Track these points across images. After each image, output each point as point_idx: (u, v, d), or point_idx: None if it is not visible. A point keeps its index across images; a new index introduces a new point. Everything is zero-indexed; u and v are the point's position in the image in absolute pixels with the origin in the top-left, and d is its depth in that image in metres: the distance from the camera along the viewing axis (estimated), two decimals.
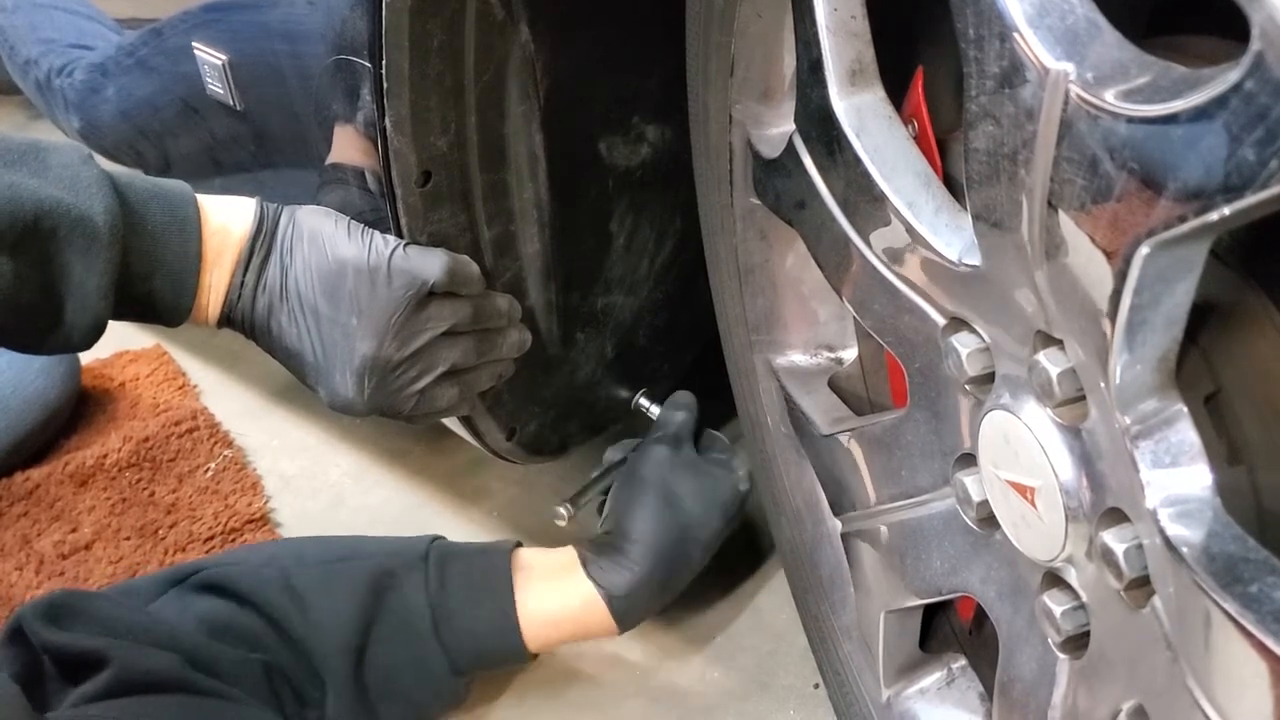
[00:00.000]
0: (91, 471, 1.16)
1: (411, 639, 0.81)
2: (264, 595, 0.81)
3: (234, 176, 0.99)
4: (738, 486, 0.88)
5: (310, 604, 0.81)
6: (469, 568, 0.84)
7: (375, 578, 0.81)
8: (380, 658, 0.81)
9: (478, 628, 0.82)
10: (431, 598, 0.81)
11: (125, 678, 0.71)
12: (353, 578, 0.82)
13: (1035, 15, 0.39)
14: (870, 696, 0.75)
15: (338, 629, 0.80)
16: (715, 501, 0.86)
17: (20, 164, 0.60)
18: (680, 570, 0.85)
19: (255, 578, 0.82)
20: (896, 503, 0.64)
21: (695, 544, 0.85)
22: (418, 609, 0.81)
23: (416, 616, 0.81)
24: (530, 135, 0.77)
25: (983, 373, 0.51)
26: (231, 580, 0.82)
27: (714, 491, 0.86)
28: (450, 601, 0.82)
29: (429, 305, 0.71)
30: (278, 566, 0.83)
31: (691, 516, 0.84)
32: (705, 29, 0.67)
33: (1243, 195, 0.31)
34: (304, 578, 0.82)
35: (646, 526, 0.83)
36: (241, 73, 0.87)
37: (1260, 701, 0.36)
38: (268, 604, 0.81)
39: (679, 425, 0.90)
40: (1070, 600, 0.48)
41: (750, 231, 0.74)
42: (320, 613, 0.80)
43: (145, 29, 1.02)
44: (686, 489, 0.85)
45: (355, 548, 0.86)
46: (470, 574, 0.83)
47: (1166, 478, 0.40)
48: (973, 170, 0.44)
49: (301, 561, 0.84)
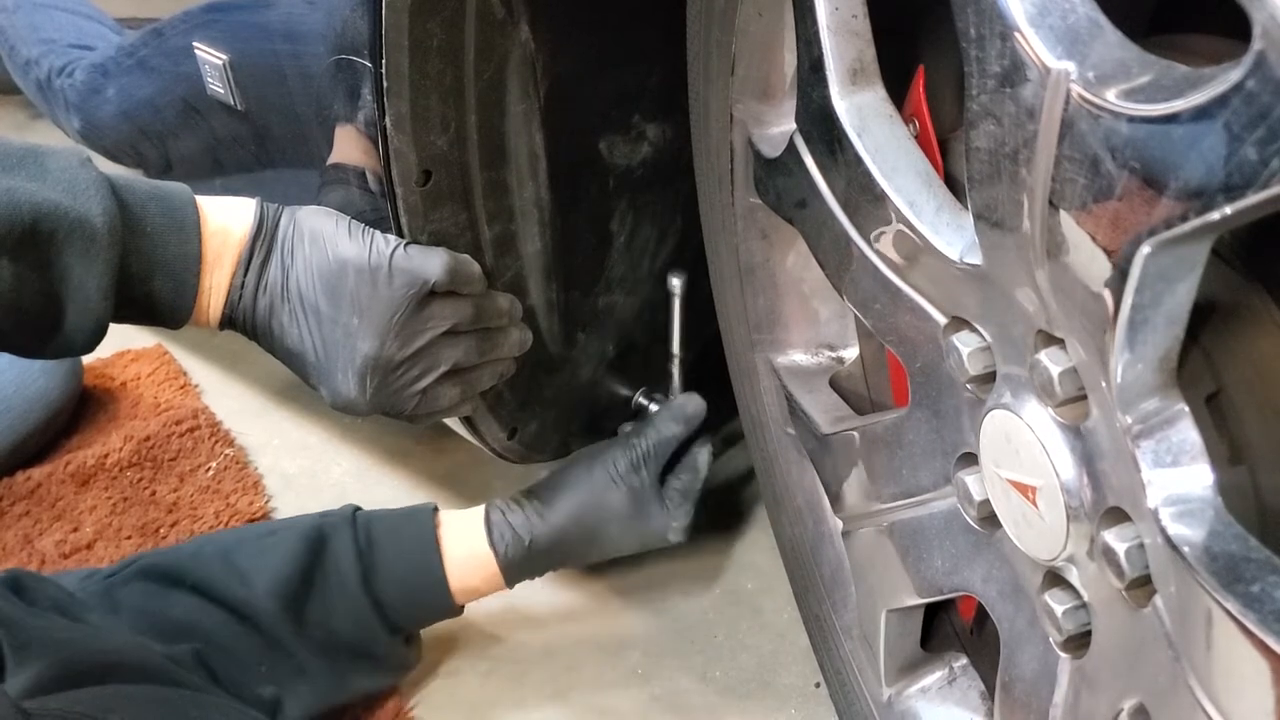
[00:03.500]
0: (93, 471, 1.16)
1: (344, 592, 0.83)
2: (203, 572, 0.83)
3: (235, 176, 0.99)
4: (665, 534, 0.88)
5: (247, 569, 0.83)
6: (393, 524, 0.86)
7: (308, 541, 0.84)
8: (319, 617, 0.83)
9: (404, 576, 0.85)
10: (362, 555, 0.83)
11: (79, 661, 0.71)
12: (287, 543, 0.84)
13: (1036, 14, 0.39)
14: (872, 695, 0.75)
15: (275, 590, 0.81)
16: (635, 536, 0.88)
17: (18, 168, 0.60)
18: (571, 559, 0.90)
19: (194, 555, 0.85)
20: (898, 502, 0.64)
21: (596, 549, 0.88)
22: (347, 563, 0.83)
23: (347, 569, 0.83)
24: (531, 134, 0.77)
25: (984, 372, 0.51)
26: (166, 564, 0.84)
27: (642, 524, 0.87)
28: (376, 553, 0.84)
29: (430, 305, 0.71)
30: (216, 544, 0.86)
31: (606, 533, 0.87)
32: (706, 28, 0.67)
33: (1244, 194, 0.31)
34: (242, 553, 0.84)
35: (560, 512, 0.86)
36: (242, 73, 0.87)
37: (1261, 700, 0.36)
38: (206, 579, 0.82)
39: (660, 443, 0.89)
40: (1072, 599, 0.48)
41: (751, 230, 0.74)
42: (257, 576, 0.82)
43: (146, 29, 1.02)
44: (618, 511, 0.86)
45: (288, 522, 0.89)
46: (394, 529, 0.86)
47: (1168, 477, 0.40)
48: (974, 169, 0.44)
49: (240, 538, 0.87)
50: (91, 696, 0.68)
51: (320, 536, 0.84)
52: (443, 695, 0.92)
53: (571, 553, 0.88)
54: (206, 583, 0.82)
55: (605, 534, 0.87)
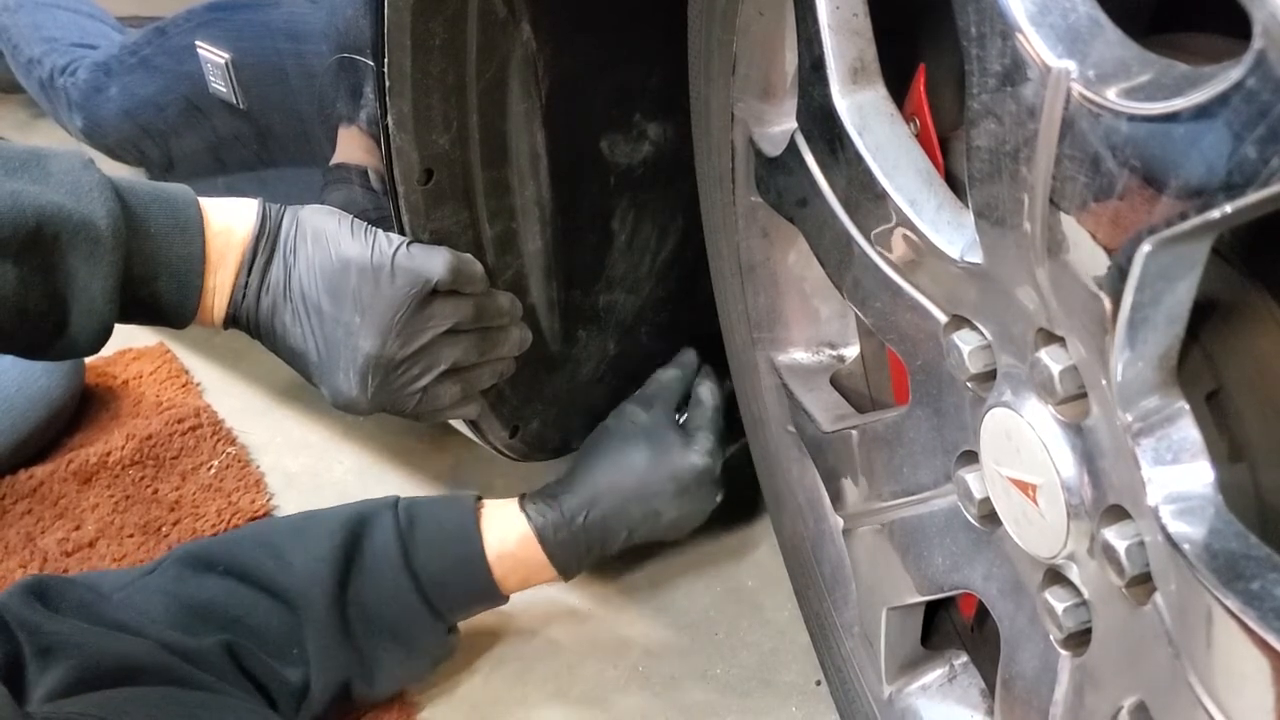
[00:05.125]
0: (95, 469, 1.16)
1: (385, 574, 0.83)
2: (237, 550, 0.83)
3: (237, 175, 0.99)
4: (691, 459, 0.88)
5: (286, 551, 0.82)
6: (435, 512, 0.86)
7: (347, 524, 0.83)
8: (358, 596, 0.82)
9: (449, 565, 0.84)
10: (402, 536, 0.83)
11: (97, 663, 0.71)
12: (326, 524, 0.84)
13: (1037, 13, 0.39)
14: (872, 693, 0.75)
15: (315, 570, 0.81)
16: (665, 469, 0.87)
17: (22, 171, 0.60)
18: (614, 525, 0.87)
19: (230, 541, 0.85)
20: (898, 500, 0.64)
21: (637, 503, 0.86)
22: (389, 546, 0.83)
23: (388, 554, 0.83)
24: (532, 133, 0.78)
25: (984, 370, 0.51)
26: (200, 550, 0.84)
27: (665, 459, 0.87)
28: (417, 531, 0.84)
29: (432, 304, 0.71)
30: (252, 529, 0.87)
31: (637, 477, 0.86)
32: (707, 27, 0.67)
33: (1244, 193, 0.31)
34: (278, 534, 0.84)
35: (587, 477, 0.86)
36: (244, 71, 0.87)
37: (1262, 698, 0.36)
38: (240, 559, 0.82)
39: (660, 387, 0.91)
40: (1072, 597, 0.48)
41: (752, 229, 0.74)
42: (296, 556, 0.82)
43: (148, 28, 1.02)
44: (640, 453, 0.87)
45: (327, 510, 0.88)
46: (436, 517, 0.86)
47: (1168, 475, 0.40)
48: (974, 168, 0.45)
49: (275, 524, 0.87)
50: (105, 699, 0.69)
51: (360, 519, 0.84)
52: (445, 693, 0.92)
53: (614, 521, 0.86)
54: (240, 564, 0.82)
55: (639, 488, 0.86)
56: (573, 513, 0.85)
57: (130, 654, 0.73)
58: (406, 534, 0.83)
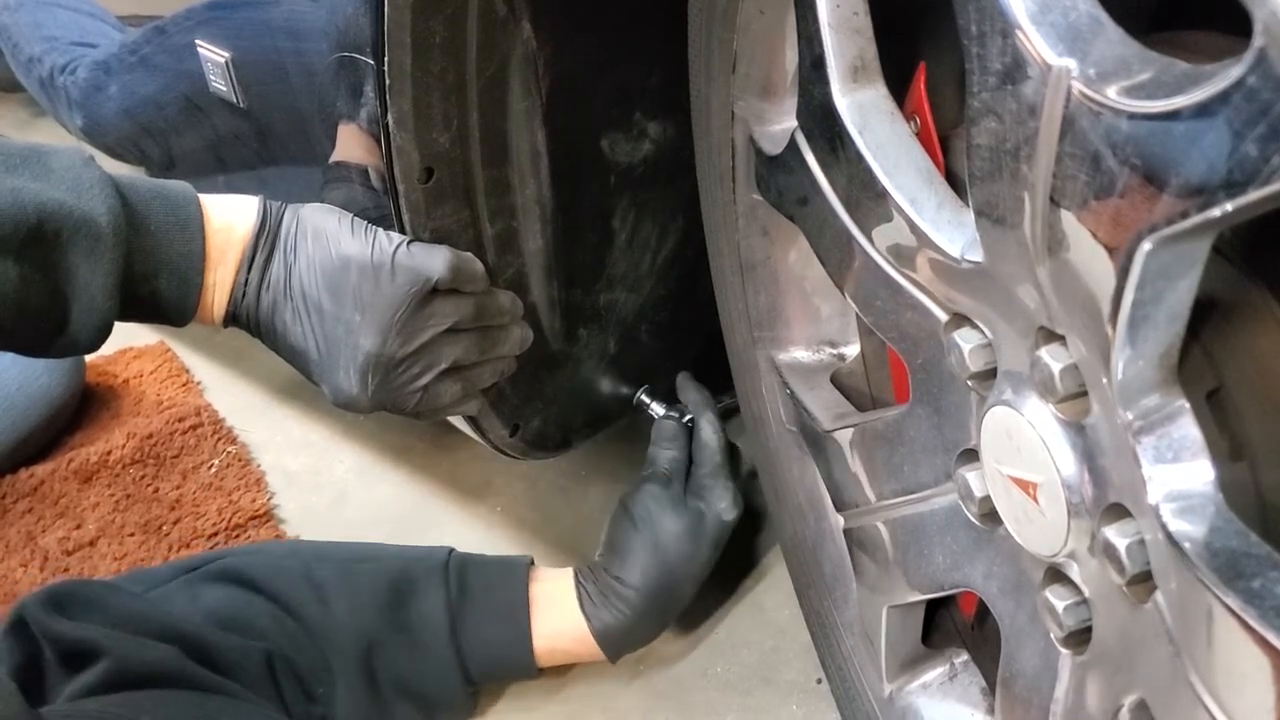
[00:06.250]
0: (95, 468, 1.16)
1: (428, 644, 0.83)
2: (283, 583, 0.83)
3: (237, 174, 0.99)
4: (722, 518, 0.89)
5: (330, 595, 0.83)
6: (488, 582, 0.86)
7: (395, 580, 0.84)
8: (395, 658, 0.83)
9: (494, 641, 0.85)
10: (451, 607, 0.83)
11: (123, 669, 0.72)
12: (374, 577, 0.84)
13: (1037, 11, 0.39)
14: (873, 691, 0.75)
15: (355, 624, 0.81)
16: (702, 537, 0.88)
17: (22, 168, 0.60)
18: (670, 607, 0.88)
19: (275, 567, 0.84)
20: (899, 498, 0.64)
21: (685, 580, 0.87)
22: (436, 616, 0.83)
23: (435, 623, 0.83)
24: (532, 132, 0.78)
25: (985, 368, 0.51)
26: (248, 569, 0.84)
27: (700, 528, 0.88)
28: (469, 612, 0.84)
29: (432, 302, 0.71)
30: (300, 559, 0.86)
31: (680, 555, 0.86)
32: (707, 25, 0.67)
33: (1245, 191, 0.31)
34: (325, 571, 0.84)
35: (637, 570, 0.85)
36: (244, 70, 0.87)
37: (1262, 696, 0.36)
38: (285, 592, 0.82)
39: (668, 462, 0.91)
40: (1072, 595, 0.48)
41: (752, 228, 0.74)
42: (339, 604, 0.82)
43: (148, 26, 1.02)
44: (673, 529, 0.86)
45: (376, 552, 0.89)
46: (489, 588, 0.86)
47: (1169, 473, 0.40)
48: (975, 166, 0.45)
49: (323, 558, 0.86)
50: (125, 699, 0.69)
51: (409, 580, 0.84)
52: None
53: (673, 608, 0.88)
54: (285, 597, 0.82)
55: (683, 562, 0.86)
56: (631, 608, 0.85)
57: (157, 660, 0.73)
58: (456, 606, 0.84)
